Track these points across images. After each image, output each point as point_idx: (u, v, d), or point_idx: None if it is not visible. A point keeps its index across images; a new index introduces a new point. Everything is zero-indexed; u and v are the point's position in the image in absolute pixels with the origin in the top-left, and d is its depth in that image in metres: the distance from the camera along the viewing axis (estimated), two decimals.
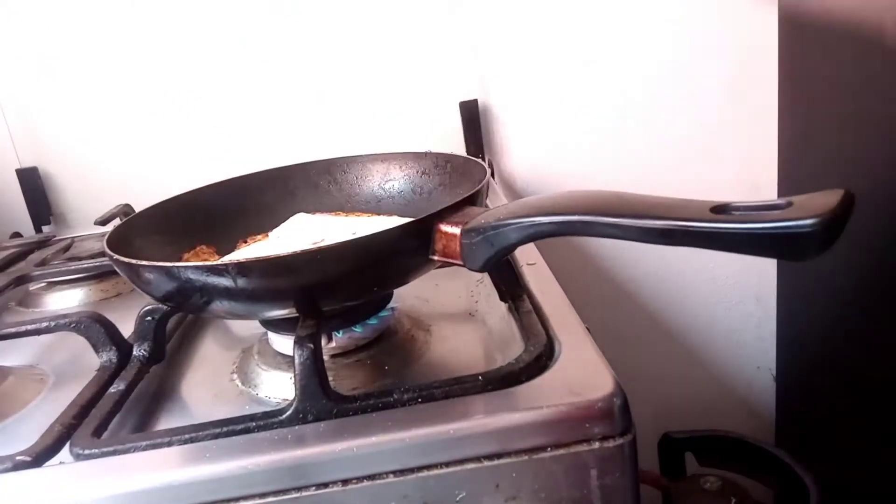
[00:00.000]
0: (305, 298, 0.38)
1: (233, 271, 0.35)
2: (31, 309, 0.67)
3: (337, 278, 0.38)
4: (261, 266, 0.35)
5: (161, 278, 0.38)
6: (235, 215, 0.55)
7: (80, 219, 0.91)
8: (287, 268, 0.36)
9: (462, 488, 0.34)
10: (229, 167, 0.59)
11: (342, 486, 0.33)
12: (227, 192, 0.56)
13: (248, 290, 0.36)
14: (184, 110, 0.89)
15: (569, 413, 0.34)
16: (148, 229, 0.50)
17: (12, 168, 0.89)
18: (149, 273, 0.38)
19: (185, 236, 0.52)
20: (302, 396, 0.36)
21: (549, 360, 0.39)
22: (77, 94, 0.88)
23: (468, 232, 0.35)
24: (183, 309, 0.46)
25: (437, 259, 0.38)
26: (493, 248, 0.35)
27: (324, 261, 0.36)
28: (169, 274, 0.37)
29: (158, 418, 0.42)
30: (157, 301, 0.42)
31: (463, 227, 0.36)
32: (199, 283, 0.36)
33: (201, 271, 0.36)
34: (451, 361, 0.44)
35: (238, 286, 0.35)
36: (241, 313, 0.41)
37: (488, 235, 0.35)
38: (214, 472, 0.33)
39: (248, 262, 0.35)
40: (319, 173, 0.58)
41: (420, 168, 0.56)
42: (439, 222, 0.37)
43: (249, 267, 0.35)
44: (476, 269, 0.36)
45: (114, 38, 0.87)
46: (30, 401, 0.47)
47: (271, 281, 0.36)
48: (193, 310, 0.43)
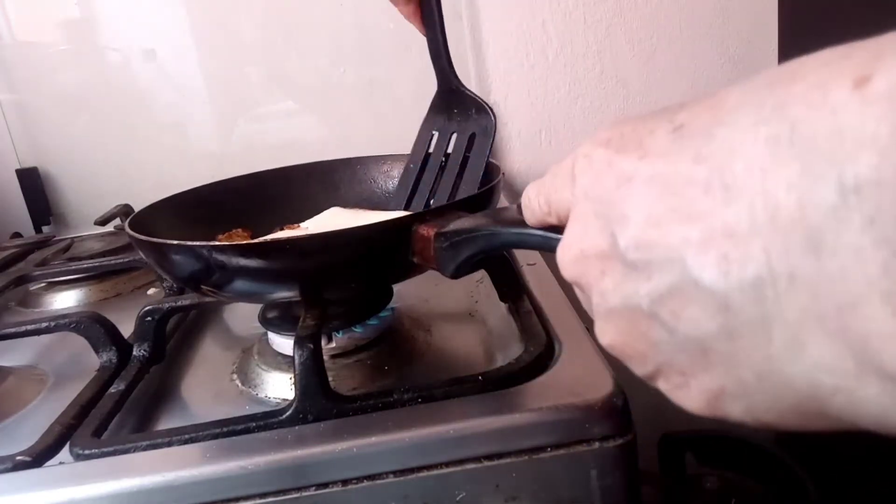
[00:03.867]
0: (278, 283, 0.39)
1: (208, 252, 0.36)
2: (31, 309, 0.67)
3: (318, 269, 0.38)
4: (234, 250, 0.37)
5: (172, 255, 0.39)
6: (277, 203, 0.56)
7: (80, 219, 0.91)
8: (259, 253, 0.36)
9: (462, 488, 0.34)
10: (229, 167, 0.59)
11: (342, 486, 0.33)
12: (270, 181, 0.57)
13: (228, 271, 0.37)
14: (184, 110, 0.89)
15: (569, 413, 0.34)
16: (183, 211, 0.52)
17: (12, 168, 0.89)
18: (174, 253, 0.39)
19: (223, 220, 0.54)
20: (302, 396, 0.36)
21: (549, 361, 0.39)
22: (77, 94, 0.88)
23: (439, 236, 0.35)
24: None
25: (416, 262, 0.37)
26: (461, 255, 0.34)
27: (292, 252, 0.36)
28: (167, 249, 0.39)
29: (158, 418, 0.42)
30: (174, 279, 0.43)
31: (437, 230, 0.35)
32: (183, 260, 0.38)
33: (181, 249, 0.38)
34: (451, 361, 0.44)
35: (216, 267, 0.37)
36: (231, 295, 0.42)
37: (455, 242, 0.34)
38: (214, 472, 0.33)
39: (221, 246, 0.37)
40: (364, 168, 0.59)
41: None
42: (419, 224, 0.36)
43: (223, 250, 0.37)
44: (447, 275, 0.35)
45: (113, 38, 0.87)
46: (30, 401, 0.47)
47: (247, 263, 0.37)
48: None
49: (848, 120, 0.14)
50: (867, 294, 0.14)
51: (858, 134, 0.14)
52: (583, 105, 0.91)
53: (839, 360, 0.15)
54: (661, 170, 0.18)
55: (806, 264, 0.15)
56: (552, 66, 0.90)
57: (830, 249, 0.14)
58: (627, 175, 0.20)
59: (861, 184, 0.13)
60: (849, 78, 0.14)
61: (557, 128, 0.92)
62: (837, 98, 0.14)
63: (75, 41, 0.87)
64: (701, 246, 0.17)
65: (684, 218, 0.17)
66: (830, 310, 0.14)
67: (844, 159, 0.14)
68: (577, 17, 0.88)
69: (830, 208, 0.14)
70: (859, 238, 0.14)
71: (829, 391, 0.15)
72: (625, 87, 0.91)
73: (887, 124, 0.13)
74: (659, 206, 0.18)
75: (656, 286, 0.18)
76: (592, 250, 0.21)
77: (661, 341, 0.19)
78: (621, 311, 0.20)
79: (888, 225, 0.13)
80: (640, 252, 0.19)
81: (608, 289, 0.21)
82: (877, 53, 0.14)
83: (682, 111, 0.19)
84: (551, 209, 0.26)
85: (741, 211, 0.16)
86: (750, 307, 0.16)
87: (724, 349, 0.17)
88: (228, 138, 0.91)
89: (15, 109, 0.88)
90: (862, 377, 0.14)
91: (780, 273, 0.15)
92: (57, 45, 0.87)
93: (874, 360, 0.14)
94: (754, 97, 0.17)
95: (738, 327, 0.17)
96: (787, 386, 0.16)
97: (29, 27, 0.86)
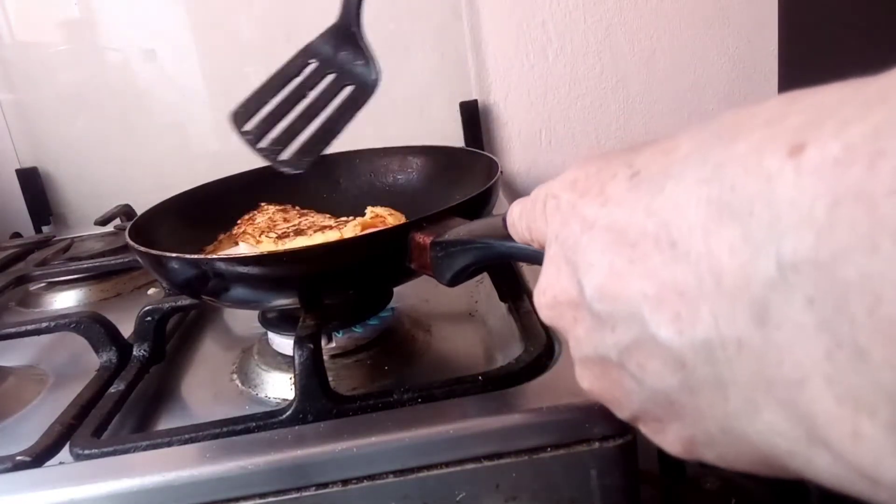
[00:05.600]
0: (276, 291, 0.39)
1: (206, 264, 0.36)
2: (31, 309, 0.67)
3: (324, 275, 0.38)
4: (231, 262, 0.37)
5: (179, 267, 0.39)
6: (279, 199, 0.56)
7: (80, 219, 0.91)
8: (256, 264, 0.36)
9: (462, 488, 0.34)
10: (229, 167, 0.59)
11: (342, 486, 0.33)
12: (270, 177, 0.56)
13: (226, 282, 0.37)
14: (184, 110, 0.89)
15: (569, 413, 0.34)
16: (183, 212, 0.52)
17: (12, 168, 0.89)
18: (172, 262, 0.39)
19: (225, 219, 0.53)
20: (302, 396, 0.36)
21: (548, 361, 0.39)
22: (77, 94, 0.88)
23: (435, 245, 0.35)
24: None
25: (413, 268, 0.37)
26: (457, 265, 0.34)
27: (291, 262, 0.37)
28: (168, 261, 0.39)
29: (158, 418, 0.42)
30: (174, 287, 0.43)
31: (433, 239, 0.35)
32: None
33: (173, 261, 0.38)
34: (451, 361, 0.44)
35: (214, 277, 0.37)
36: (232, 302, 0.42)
37: (450, 252, 0.34)
38: (214, 472, 0.33)
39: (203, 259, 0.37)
40: (364, 161, 0.58)
41: (448, 162, 0.55)
42: (415, 231, 0.36)
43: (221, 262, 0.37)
44: (444, 283, 0.35)
45: (113, 38, 0.87)
46: (30, 401, 0.47)
47: (245, 274, 0.37)
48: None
49: (783, 191, 0.14)
50: (812, 374, 0.13)
51: (795, 208, 0.13)
52: (583, 105, 0.91)
53: (791, 428, 0.15)
54: (618, 218, 0.19)
55: (753, 333, 0.15)
56: (552, 65, 0.90)
57: (775, 322, 0.14)
58: (590, 222, 0.20)
59: (798, 262, 0.13)
60: (784, 144, 0.14)
61: (557, 128, 0.92)
62: (772, 165, 0.14)
63: (75, 41, 0.87)
64: (656, 302, 0.17)
65: (640, 272, 0.17)
66: (780, 380, 0.14)
67: (782, 233, 0.14)
68: (577, 17, 0.88)
69: (772, 281, 0.14)
70: (802, 316, 0.13)
71: (785, 454, 0.15)
72: (625, 87, 0.91)
73: (823, 202, 0.13)
74: (619, 257, 0.18)
75: (621, 339, 0.19)
76: (564, 296, 0.21)
77: (633, 391, 0.20)
78: (594, 360, 0.21)
79: (828, 308, 0.13)
80: (604, 304, 0.19)
81: (581, 336, 0.21)
82: (814, 118, 0.14)
83: (640, 155, 0.19)
84: (532, 236, 0.26)
85: (688, 271, 0.16)
86: (703, 366, 0.16)
87: (687, 403, 0.18)
88: (228, 138, 0.90)
89: (15, 109, 0.88)
90: (813, 448, 0.14)
91: (728, 338, 0.15)
92: (57, 45, 0.87)
93: (822, 437, 0.14)
94: (701, 151, 0.17)
95: (697, 384, 0.17)
96: (748, 443, 0.16)
97: (29, 27, 0.86)
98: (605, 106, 0.91)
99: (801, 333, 0.13)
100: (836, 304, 0.13)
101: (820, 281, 0.13)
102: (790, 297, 0.14)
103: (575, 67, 0.90)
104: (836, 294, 0.13)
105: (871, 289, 0.12)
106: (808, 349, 0.13)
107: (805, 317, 0.13)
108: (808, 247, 0.13)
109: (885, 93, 0.13)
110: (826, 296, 0.13)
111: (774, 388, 0.15)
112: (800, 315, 0.13)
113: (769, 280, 0.14)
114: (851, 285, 0.12)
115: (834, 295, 0.13)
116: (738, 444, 0.17)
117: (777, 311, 0.14)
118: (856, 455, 0.13)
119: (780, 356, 0.14)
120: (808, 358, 0.13)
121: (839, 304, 0.13)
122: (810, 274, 0.13)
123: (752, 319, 0.14)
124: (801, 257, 0.13)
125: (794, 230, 0.13)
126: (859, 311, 0.12)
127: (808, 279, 0.13)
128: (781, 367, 0.14)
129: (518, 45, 0.88)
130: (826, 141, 0.13)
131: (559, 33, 0.88)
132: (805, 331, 0.13)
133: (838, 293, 0.13)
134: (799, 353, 0.14)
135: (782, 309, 0.14)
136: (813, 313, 0.13)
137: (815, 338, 0.13)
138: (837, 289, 0.13)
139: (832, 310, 0.13)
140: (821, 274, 0.13)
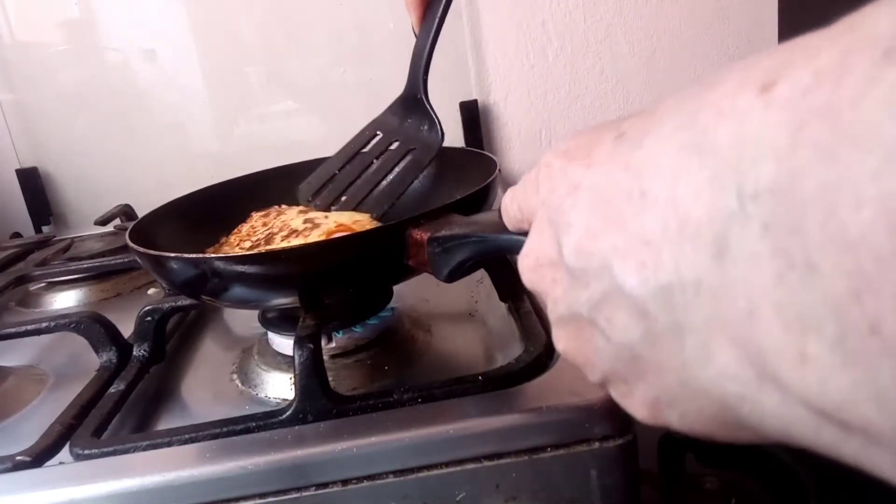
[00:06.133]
0: (275, 290, 0.39)
1: (204, 263, 0.36)
2: (31, 309, 0.67)
3: (323, 273, 0.38)
4: (230, 261, 0.37)
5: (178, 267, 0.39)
6: (275, 202, 0.56)
7: (80, 219, 0.91)
8: (255, 263, 0.37)
9: (462, 488, 0.34)
10: (229, 167, 0.59)
11: (342, 486, 0.33)
12: (270, 179, 0.57)
13: (225, 281, 0.37)
14: (184, 110, 0.89)
15: (569, 413, 0.34)
16: (184, 215, 0.52)
17: (12, 168, 0.89)
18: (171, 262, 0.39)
19: (225, 222, 0.53)
20: (302, 396, 0.36)
21: (549, 361, 0.39)
22: (77, 94, 0.88)
23: (432, 241, 0.35)
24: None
25: (412, 265, 0.37)
26: (454, 259, 0.34)
27: (289, 261, 0.37)
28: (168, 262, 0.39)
29: (158, 418, 0.42)
30: (173, 288, 0.43)
31: (430, 235, 0.35)
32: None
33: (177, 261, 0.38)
34: (451, 361, 0.44)
35: (212, 277, 0.37)
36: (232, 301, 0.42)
37: (447, 247, 0.34)
38: (214, 472, 0.33)
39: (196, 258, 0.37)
40: None
41: (446, 161, 0.55)
42: (412, 228, 0.36)
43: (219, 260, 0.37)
44: (441, 278, 0.35)
45: (113, 38, 0.87)
46: (30, 401, 0.47)
47: (243, 273, 0.37)
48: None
49: (751, 127, 0.14)
50: (762, 304, 0.14)
51: (759, 141, 0.13)
52: (583, 105, 0.91)
53: (741, 368, 0.15)
54: (599, 178, 0.19)
55: (711, 272, 0.15)
56: (552, 65, 0.90)
57: (732, 257, 0.14)
58: (575, 183, 0.20)
59: (759, 191, 0.13)
60: (756, 83, 0.14)
61: (557, 127, 0.92)
62: (743, 104, 0.14)
63: (75, 41, 0.87)
64: (624, 253, 0.17)
65: (612, 226, 0.18)
66: (733, 318, 0.14)
67: (746, 167, 0.14)
68: (577, 17, 0.88)
69: (731, 215, 0.14)
70: (757, 245, 0.13)
71: (735, 399, 0.15)
72: (625, 87, 0.91)
73: (786, 129, 0.13)
74: (595, 215, 0.18)
75: (592, 294, 0.19)
76: (545, 259, 0.22)
77: (602, 348, 0.20)
78: (568, 319, 0.21)
79: (782, 233, 0.13)
80: (580, 261, 0.19)
81: (558, 296, 0.21)
82: (787, 58, 0.14)
83: (628, 119, 0.20)
84: (523, 216, 0.26)
85: (655, 218, 0.16)
86: (663, 314, 0.16)
87: (649, 356, 0.18)
88: (228, 138, 0.91)
89: (15, 109, 0.88)
90: (762, 386, 0.14)
91: (687, 280, 0.15)
92: (57, 45, 0.87)
93: (769, 371, 0.14)
94: (681, 103, 0.17)
95: (658, 334, 0.17)
96: (704, 394, 0.17)
97: (29, 27, 0.86)
98: (605, 106, 0.91)
99: (755, 263, 0.14)
100: (791, 225, 0.13)
101: (777, 206, 0.13)
102: (747, 228, 0.14)
103: (575, 67, 0.90)
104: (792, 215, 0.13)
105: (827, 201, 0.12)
106: (760, 278, 0.13)
107: (760, 245, 0.13)
108: (769, 175, 0.13)
109: (852, 22, 0.13)
110: (781, 219, 0.13)
111: (727, 327, 0.15)
112: (755, 244, 0.13)
113: (730, 214, 0.14)
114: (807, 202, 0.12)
115: (789, 216, 0.13)
116: (695, 398, 0.17)
117: (735, 245, 0.14)
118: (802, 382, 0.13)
119: (735, 292, 0.14)
120: (760, 287, 0.14)
121: (794, 224, 0.13)
122: (768, 200, 0.13)
123: (711, 258, 0.15)
124: (761, 187, 0.13)
125: (756, 161, 0.13)
126: (812, 226, 0.12)
127: (765, 206, 0.13)
128: (735, 302, 0.14)
129: (518, 45, 0.88)
130: (797, 73, 0.13)
131: (559, 33, 0.88)
132: (758, 260, 0.13)
133: (794, 214, 0.13)
134: (752, 283, 0.14)
135: (739, 242, 0.14)
136: (768, 240, 0.13)
137: (768, 264, 0.13)
138: (793, 209, 0.13)
139: (786, 232, 0.13)
140: (777, 198, 0.13)
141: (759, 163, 0.13)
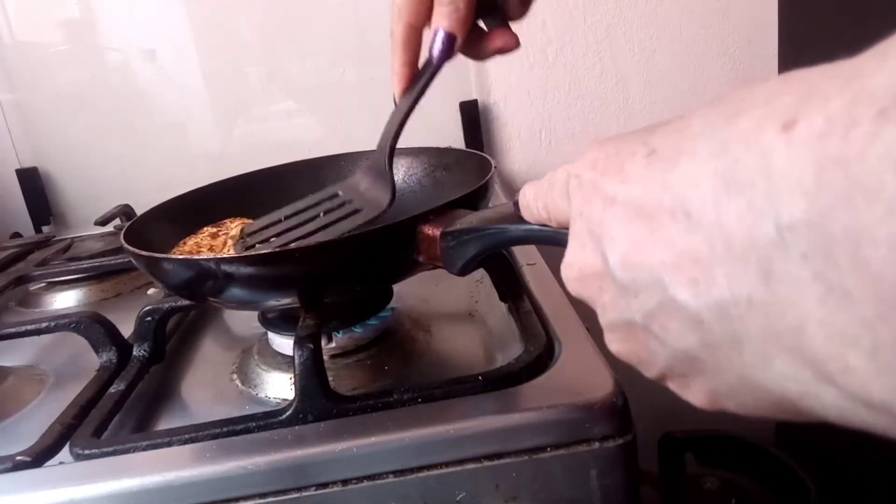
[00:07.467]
0: (277, 291, 0.39)
1: (203, 264, 0.36)
2: (31, 309, 0.67)
3: (323, 274, 0.38)
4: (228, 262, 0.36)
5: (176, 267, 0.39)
6: (267, 203, 0.54)
7: (80, 219, 0.91)
8: (255, 264, 0.36)
9: (462, 488, 0.34)
10: (229, 167, 0.59)
11: (342, 486, 0.33)
12: (260, 180, 0.57)
13: (224, 282, 0.37)
14: (184, 110, 0.89)
15: (569, 413, 0.34)
16: (178, 215, 0.52)
17: (12, 168, 0.89)
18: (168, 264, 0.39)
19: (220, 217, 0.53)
20: (302, 396, 0.36)
21: (549, 360, 0.39)
22: (77, 94, 0.88)
23: (446, 235, 0.35)
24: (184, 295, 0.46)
25: (422, 260, 0.38)
26: (469, 252, 0.34)
27: (301, 259, 0.37)
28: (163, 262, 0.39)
29: (158, 418, 0.42)
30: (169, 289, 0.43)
31: (443, 229, 0.35)
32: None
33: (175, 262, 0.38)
34: (451, 361, 0.45)
35: (212, 278, 0.37)
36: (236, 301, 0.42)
37: (463, 240, 0.34)
38: (214, 472, 0.33)
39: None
40: (349, 165, 0.58)
41: (441, 162, 0.55)
42: (423, 224, 0.37)
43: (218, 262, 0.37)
44: (455, 272, 0.36)
45: (113, 38, 0.87)
46: (30, 401, 0.47)
47: (243, 274, 0.37)
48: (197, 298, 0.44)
49: (777, 163, 0.16)
50: (808, 320, 0.16)
51: (787, 176, 0.16)
52: (583, 105, 0.91)
53: (800, 371, 0.17)
54: (637, 193, 0.21)
55: (760, 290, 0.17)
56: (552, 66, 0.90)
57: (778, 278, 0.16)
58: (611, 198, 0.22)
59: (794, 223, 0.15)
60: (779, 121, 0.16)
61: (557, 128, 0.92)
62: (767, 141, 0.16)
63: (75, 41, 0.87)
64: (674, 269, 0.19)
65: (659, 242, 0.19)
66: (785, 330, 0.17)
67: (779, 200, 0.16)
68: (577, 17, 0.88)
69: (773, 242, 0.16)
70: (799, 270, 0.16)
71: (797, 395, 0.18)
72: (625, 87, 0.91)
73: (810, 170, 0.15)
74: (638, 229, 0.20)
75: (644, 303, 0.21)
76: (590, 269, 0.23)
77: (657, 351, 0.22)
78: (620, 324, 0.23)
79: (819, 262, 0.15)
80: (627, 272, 0.21)
81: (607, 303, 0.23)
82: (804, 95, 0.16)
83: (654, 134, 0.21)
84: (550, 216, 0.28)
85: (702, 239, 0.18)
86: (719, 324, 0.18)
87: (707, 358, 0.20)
88: (228, 138, 0.91)
89: (15, 109, 0.88)
90: (820, 385, 0.16)
91: (740, 297, 0.17)
92: (57, 45, 0.87)
93: (825, 372, 0.16)
94: (711, 128, 0.19)
95: (715, 341, 0.19)
96: (764, 390, 0.19)
97: (29, 27, 0.86)
98: (605, 106, 0.91)
99: (799, 286, 0.16)
100: (826, 256, 0.15)
101: (812, 238, 0.15)
102: (789, 254, 0.16)
103: (575, 67, 0.90)
104: (826, 248, 0.15)
105: (852, 239, 0.14)
106: (805, 298, 0.16)
107: (802, 271, 0.15)
108: (800, 210, 0.15)
109: (860, 69, 0.15)
110: (817, 250, 0.15)
111: (781, 338, 0.17)
112: (797, 269, 0.16)
113: (771, 241, 0.16)
114: (837, 239, 0.14)
115: (823, 249, 0.15)
116: (755, 392, 0.19)
117: (779, 268, 0.16)
118: (849, 386, 0.15)
119: (784, 308, 0.16)
120: (806, 306, 0.16)
121: (828, 256, 0.15)
122: (804, 233, 0.15)
123: (759, 278, 0.17)
124: (795, 219, 0.15)
125: (788, 196, 0.15)
126: (844, 260, 0.14)
127: (802, 238, 0.15)
128: (785, 317, 0.16)
129: None
130: (812, 116, 0.15)
131: (559, 33, 0.88)
132: (802, 283, 0.16)
133: (827, 247, 0.15)
134: (798, 302, 0.16)
135: (783, 266, 0.16)
136: (808, 267, 0.15)
137: (811, 288, 0.15)
138: (826, 243, 0.15)
139: (823, 262, 0.15)
140: (812, 232, 0.15)
141: (790, 196, 0.15)
